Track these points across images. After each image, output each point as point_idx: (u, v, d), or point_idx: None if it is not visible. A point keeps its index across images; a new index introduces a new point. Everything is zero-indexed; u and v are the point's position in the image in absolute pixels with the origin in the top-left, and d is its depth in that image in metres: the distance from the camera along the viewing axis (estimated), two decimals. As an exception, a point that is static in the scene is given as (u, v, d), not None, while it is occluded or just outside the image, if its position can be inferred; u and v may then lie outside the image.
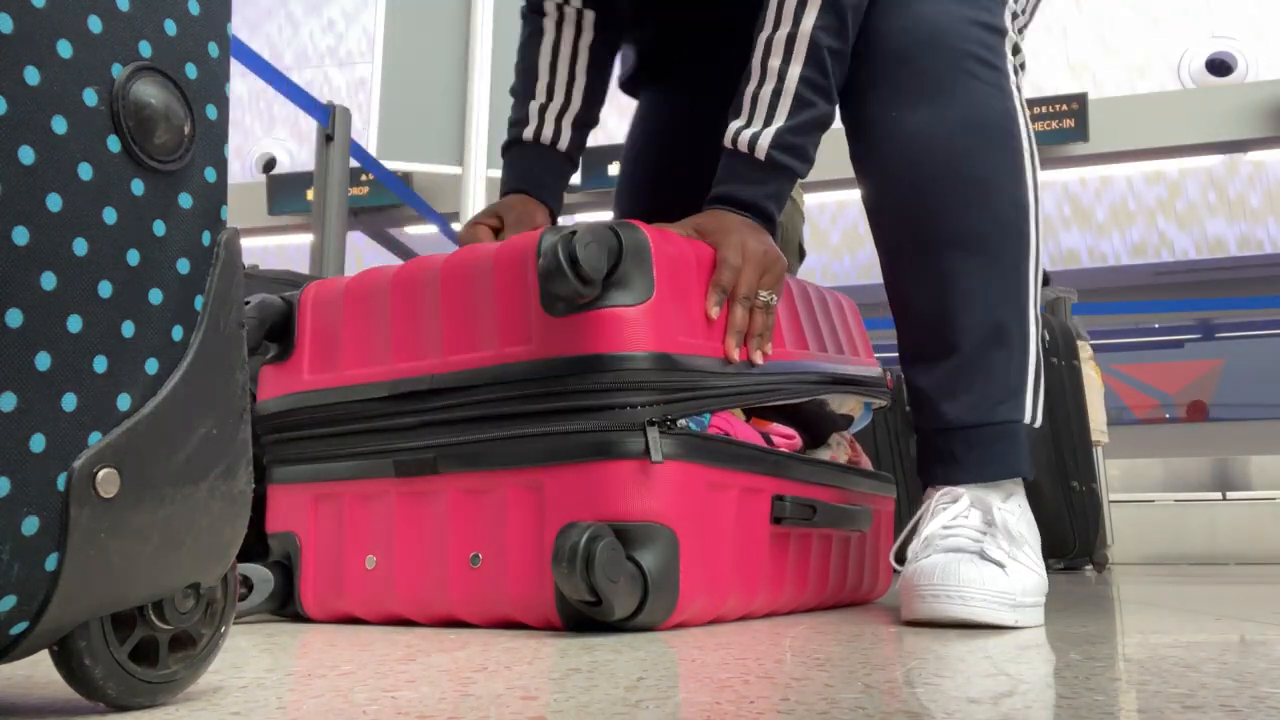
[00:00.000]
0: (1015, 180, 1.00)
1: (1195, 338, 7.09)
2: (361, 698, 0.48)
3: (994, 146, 1.00)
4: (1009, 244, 0.99)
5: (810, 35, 0.98)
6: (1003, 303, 0.99)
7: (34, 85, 0.38)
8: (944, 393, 1.00)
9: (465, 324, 0.91)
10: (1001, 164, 1.00)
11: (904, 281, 1.04)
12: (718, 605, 0.88)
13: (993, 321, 0.98)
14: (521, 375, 0.85)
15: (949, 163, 1.00)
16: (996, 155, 1.00)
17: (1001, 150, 1.00)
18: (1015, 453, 0.98)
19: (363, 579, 0.93)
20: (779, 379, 0.97)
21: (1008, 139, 1.00)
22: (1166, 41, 6.59)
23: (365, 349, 0.97)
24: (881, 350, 1.27)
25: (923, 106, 0.99)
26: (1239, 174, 6.54)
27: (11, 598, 0.38)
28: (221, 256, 0.46)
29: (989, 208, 0.99)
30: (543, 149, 1.23)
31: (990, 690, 0.49)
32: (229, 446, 0.46)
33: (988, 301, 0.99)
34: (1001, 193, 1.00)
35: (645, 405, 0.82)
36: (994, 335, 0.98)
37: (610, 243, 0.83)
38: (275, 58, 7.76)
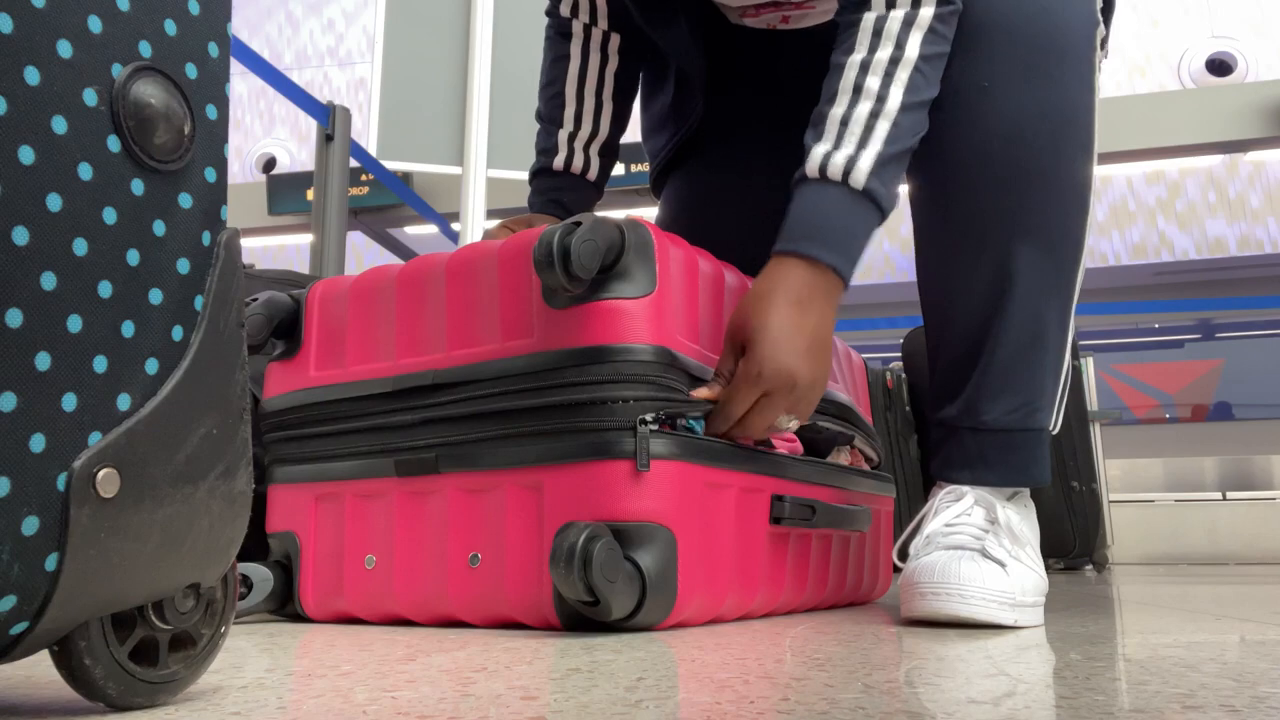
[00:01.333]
0: (1086, 182, 0.97)
1: (1195, 338, 7.09)
2: (361, 698, 0.48)
3: (1077, 143, 0.95)
4: (1069, 246, 0.96)
5: (916, 59, 0.89)
6: (1051, 306, 0.96)
7: (34, 85, 0.38)
8: (984, 392, 0.96)
9: (469, 319, 0.91)
10: (1078, 162, 0.96)
11: (953, 271, 0.98)
12: (716, 605, 0.88)
13: (1039, 324, 0.95)
14: (523, 368, 0.85)
15: (1038, 155, 0.94)
16: (1077, 153, 0.95)
17: (1081, 149, 0.96)
18: (1042, 461, 0.96)
19: (362, 579, 0.93)
20: None
21: (1086, 138, 0.96)
22: (1166, 41, 6.59)
23: (371, 346, 0.97)
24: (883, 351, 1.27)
25: (1021, 87, 0.93)
26: (1239, 174, 6.54)
27: (11, 598, 0.38)
28: (221, 256, 0.46)
29: (1061, 207, 0.95)
30: (572, 178, 1.22)
31: (990, 690, 0.49)
32: (229, 446, 0.46)
33: (1040, 303, 0.95)
34: (1074, 193, 0.96)
35: (639, 401, 0.82)
36: (1038, 338, 0.96)
37: (610, 239, 0.83)
38: (275, 58, 7.76)
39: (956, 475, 0.97)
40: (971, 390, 0.97)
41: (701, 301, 0.91)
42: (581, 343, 0.83)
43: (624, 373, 0.81)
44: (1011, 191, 0.94)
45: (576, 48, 1.26)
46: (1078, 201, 0.96)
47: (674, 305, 0.86)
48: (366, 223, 6.50)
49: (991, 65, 0.93)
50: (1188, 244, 6.62)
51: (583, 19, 1.26)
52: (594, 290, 0.83)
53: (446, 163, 2.84)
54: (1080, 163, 0.96)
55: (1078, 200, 0.96)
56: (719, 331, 0.93)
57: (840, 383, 1.12)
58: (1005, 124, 0.93)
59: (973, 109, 0.94)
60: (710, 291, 0.93)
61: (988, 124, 0.94)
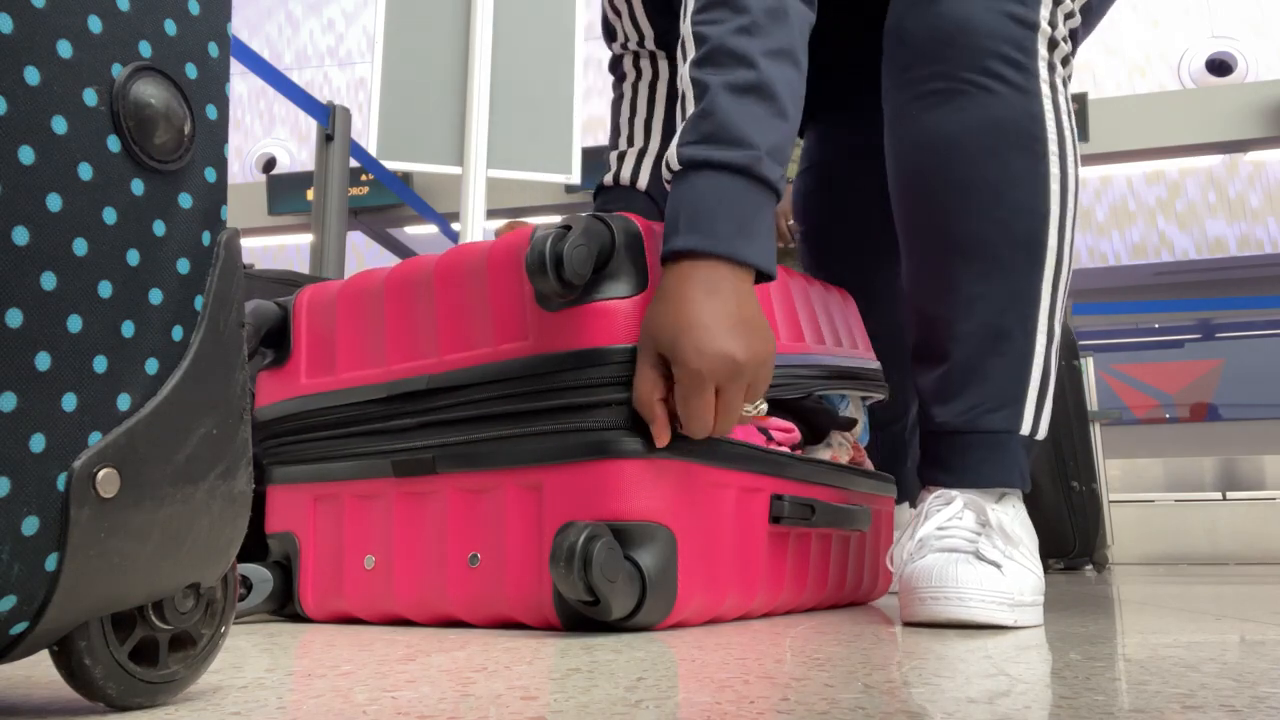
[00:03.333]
0: (1033, 186, 0.95)
1: (1195, 338, 7.09)
2: (361, 698, 0.48)
3: (1011, 150, 0.95)
4: (1020, 253, 0.95)
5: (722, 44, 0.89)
6: (1007, 311, 0.96)
7: (34, 85, 0.38)
8: (937, 396, 0.98)
9: (461, 323, 0.91)
10: (1017, 168, 0.95)
11: (911, 280, 1.02)
12: (716, 605, 0.88)
13: (993, 329, 0.96)
14: (518, 372, 0.85)
15: (958, 166, 0.96)
16: (1013, 159, 0.95)
17: (1020, 154, 0.95)
18: (1005, 463, 0.95)
19: (362, 579, 0.93)
20: (781, 376, 0.97)
21: (1028, 142, 0.95)
22: (1166, 41, 6.59)
23: (362, 351, 0.97)
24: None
25: (939, 107, 0.97)
26: (1239, 174, 6.54)
27: (11, 598, 0.38)
28: (221, 256, 0.46)
29: (996, 214, 0.95)
30: (622, 190, 1.25)
31: (990, 690, 0.49)
32: (229, 446, 0.46)
33: (990, 309, 0.96)
34: (1013, 199, 0.95)
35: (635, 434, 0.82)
36: (992, 343, 0.96)
37: (602, 241, 0.83)
38: (275, 58, 7.76)
39: (924, 475, 1.00)
40: (927, 395, 1.00)
41: None
42: (577, 345, 0.83)
43: (621, 375, 0.81)
44: (939, 203, 0.97)
45: (628, 85, 1.31)
46: (1027, 204, 0.95)
47: None
48: (366, 223, 6.51)
49: (916, 90, 0.98)
50: (1188, 244, 6.62)
51: (631, 47, 1.29)
52: (586, 292, 0.83)
53: (446, 163, 2.84)
54: (1022, 164, 0.95)
55: (1027, 203, 0.95)
56: None
57: (830, 339, 1.11)
58: (928, 143, 0.98)
59: (904, 131, 1.00)
60: None
61: (912, 140, 0.99)
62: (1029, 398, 0.97)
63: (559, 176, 3.31)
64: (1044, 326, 0.97)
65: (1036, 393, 0.97)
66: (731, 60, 0.87)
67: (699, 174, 0.84)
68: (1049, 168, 0.96)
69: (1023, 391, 0.96)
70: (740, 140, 0.85)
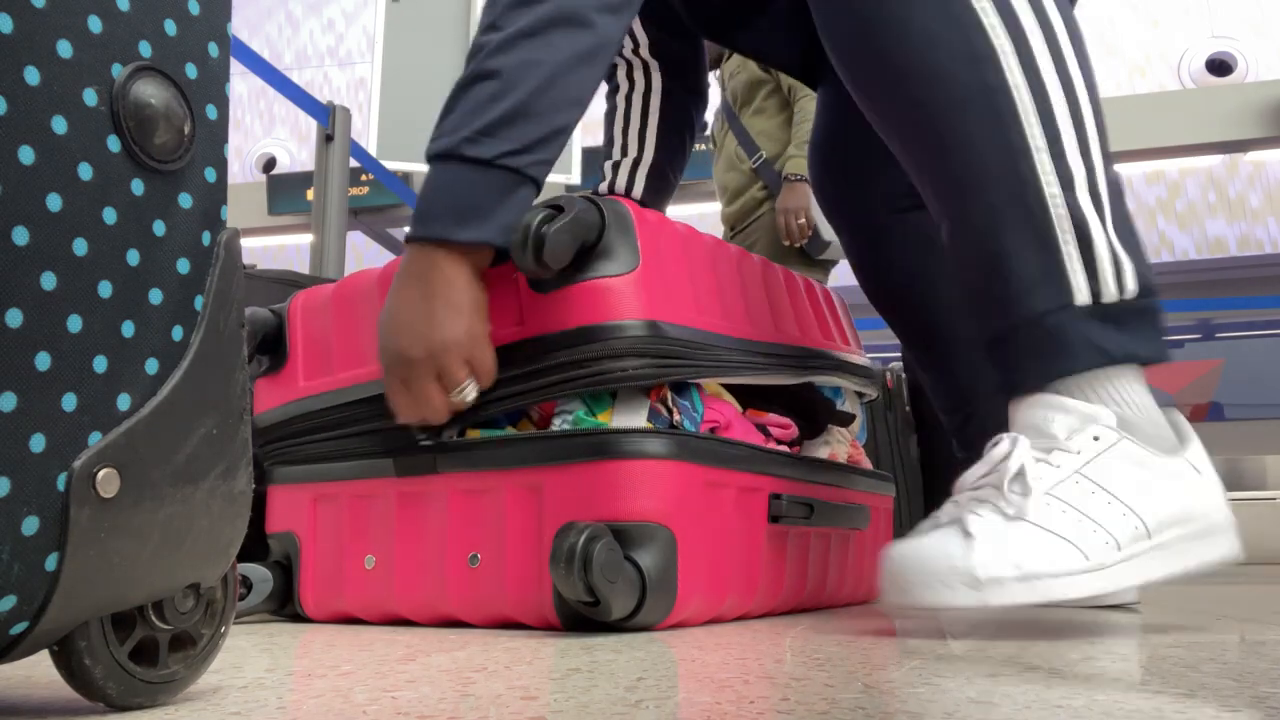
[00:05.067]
0: (952, 34, 0.80)
1: (1195, 338, 7.09)
2: (361, 698, 0.48)
3: (908, 9, 0.81)
4: (970, 113, 0.80)
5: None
6: (989, 179, 0.80)
7: (34, 85, 0.38)
8: (968, 310, 0.84)
9: None
10: (921, 24, 0.81)
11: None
12: (716, 605, 0.88)
13: (984, 207, 0.80)
14: (513, 356, 0.86)
15: (863, 62, 0.85)
16: (914, 15, 0.81)
17: (926, 8, 0.81)
18: (1062, 346, 0.77)
19: (362, 579, 0.93)
20: (772, 359, 0.98)
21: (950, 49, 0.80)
22: (1166, 41, 6.59)
23: (358, 350, 0.97)
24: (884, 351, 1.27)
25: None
26: (1239, 174, 6.54)
27: (11, 598, 0.38)
28: (221, 256, 0.46)
29: (921, 89, 0.82)
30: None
31: (990, 689, 0.49)
32: (229, 446, 0.46)
33: (969, 186, 0.81)
34: (941, 54, 0.81)
35: (637, 370, 0.82)
36: (990, 222, 0.80)
37: (589, 221, 0.83)
38: (275, 58, 7.76)
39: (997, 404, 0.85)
40: (967, 316, 0.87)
41: (689, 268, 0.92)
42: (570, 324, 0.84)
43: (615, 349, 0.82)
44: (874, 108, 0.87)
45: (622, 94, 1.30)
46: (953, 57, 0.80)
47: (660, 278, 0.87)
48: (366, 223, 6.50)
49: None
50: (1188, 244, 6.62)
51: (625, 54, 1.29)
52: (578, 272, 0.84)
53: (446, 163, 2.84)
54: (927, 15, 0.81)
55: (951, 57, 0.80)
56: (711, 296, 0.94)
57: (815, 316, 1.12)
58: (835, 45, 0.88)
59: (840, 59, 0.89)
60: (704, 261, 0.94)
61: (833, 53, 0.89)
62: (1068, 260, 0.78)
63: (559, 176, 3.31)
64: (1051, 172, 0.79)
65: (1078, 249, 0.79)
66: (470, 60, 0.91)
67: (430, 169, 0.89)
68: (971, 5, 0.80)
69: (1057, 259, 0.79)
70: (451, 129, 0.88)
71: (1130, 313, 0.78)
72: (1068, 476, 0.74)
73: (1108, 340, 0.77)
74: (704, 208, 5.24)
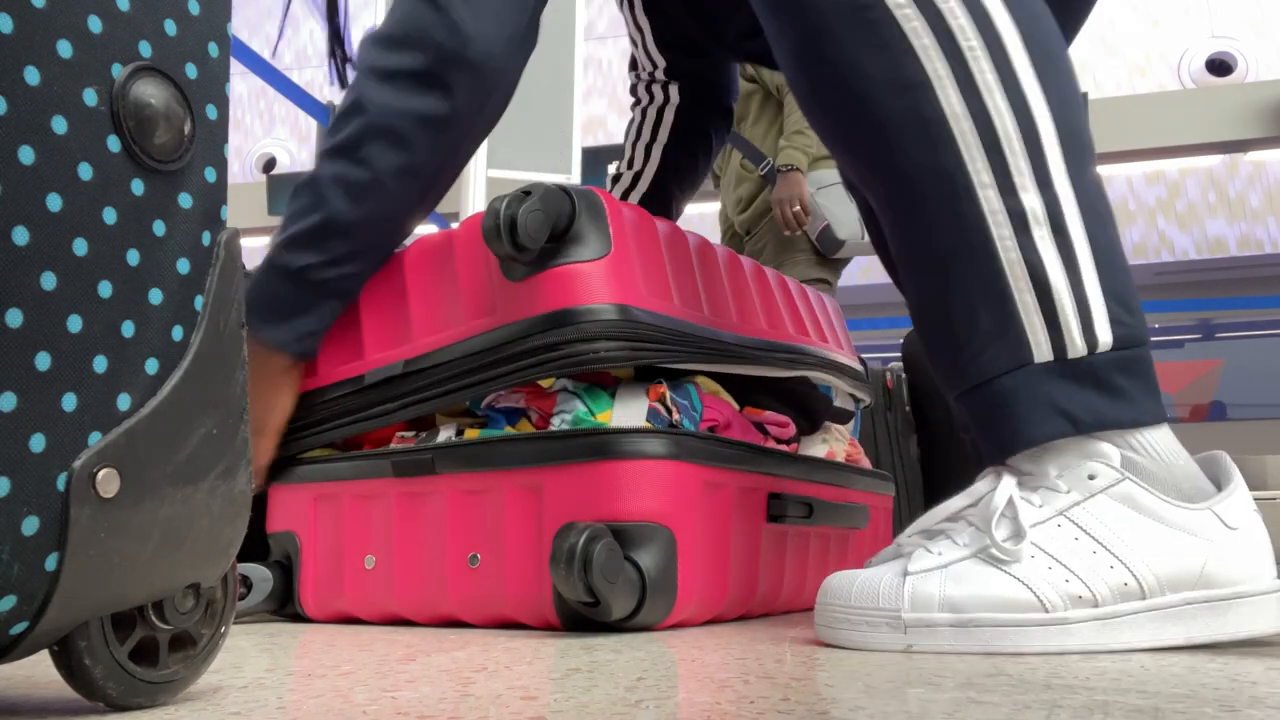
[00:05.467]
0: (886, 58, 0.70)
1: (1195, 338, 7.08)
2: (361, 698, 0.48)
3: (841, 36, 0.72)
4: (911, 144, 0.70)
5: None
6: (921, 222, 0.71)
7: (34, 85, 0.38)
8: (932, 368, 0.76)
9: (433, 307, 0.93)
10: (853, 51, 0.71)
11: None
12: (716, 605, 0.88)
13: (927, 253, 0.72)
14: (487, 343, 0.87)
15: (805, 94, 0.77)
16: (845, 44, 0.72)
17: (851, 33, 0.71)
18: (1020, 413, 0.67)
19: (362, 579, 0.93)
20: (759, 352, 0.98)
21: (860, 12, 0.70)
22: (1166, 41, 6.59)
23: (340, 350, 0.99)
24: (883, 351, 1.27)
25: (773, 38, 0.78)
26: (1239, 174, 6.54)
27: (11, 598, 0.38)
28: (221, 256, 0.46)
29: (845, 111, 0.73)
30: None
31: (990, 689, 0.49)
32: (229, 446, 0.46)
33: (904, 232, 0.73)
34: (869, 82, 0.71)
35: (609, 353, 0.82)
36: (939, 277, 0.71)
37: (560, 207, 0.84)
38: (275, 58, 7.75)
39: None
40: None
41: (668, 260, 0.92)
42: (541, 309, 0.84)
43: (588, 332, 0.82)
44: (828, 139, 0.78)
45: (639, 108, 1.31)
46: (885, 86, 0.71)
47: (633, 265, 0.87)
48: (366, 223, 6.49)
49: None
50: (1188, 244, 6.62)
51: (644, 76, 1.29)
52: (550, 258, 0.84)
53: (446, 163, 2.84)
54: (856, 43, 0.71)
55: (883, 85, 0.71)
56: (692, 290, 0.94)
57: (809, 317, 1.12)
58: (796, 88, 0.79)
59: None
60: (674, 251, 0.94)
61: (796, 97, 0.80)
62: (1023, 311, 0.68)
63: (559, 177, 3.31)
64: (1000, 212, 0.68)
65: (1035, 299, 0.68)
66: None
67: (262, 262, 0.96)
68: (900, 27, 0.70)
69: (1009, 311, 0.68)
70: (279, 230, 0.95)
71: (1105, 369, 0.67)
72: (1048, 518, 0.65)
73: (1074, 404, 0.67)
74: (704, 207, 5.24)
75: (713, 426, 0.93)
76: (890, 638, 0.65)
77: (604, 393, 0.89)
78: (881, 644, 0.65)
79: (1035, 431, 0.67)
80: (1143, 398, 0.68)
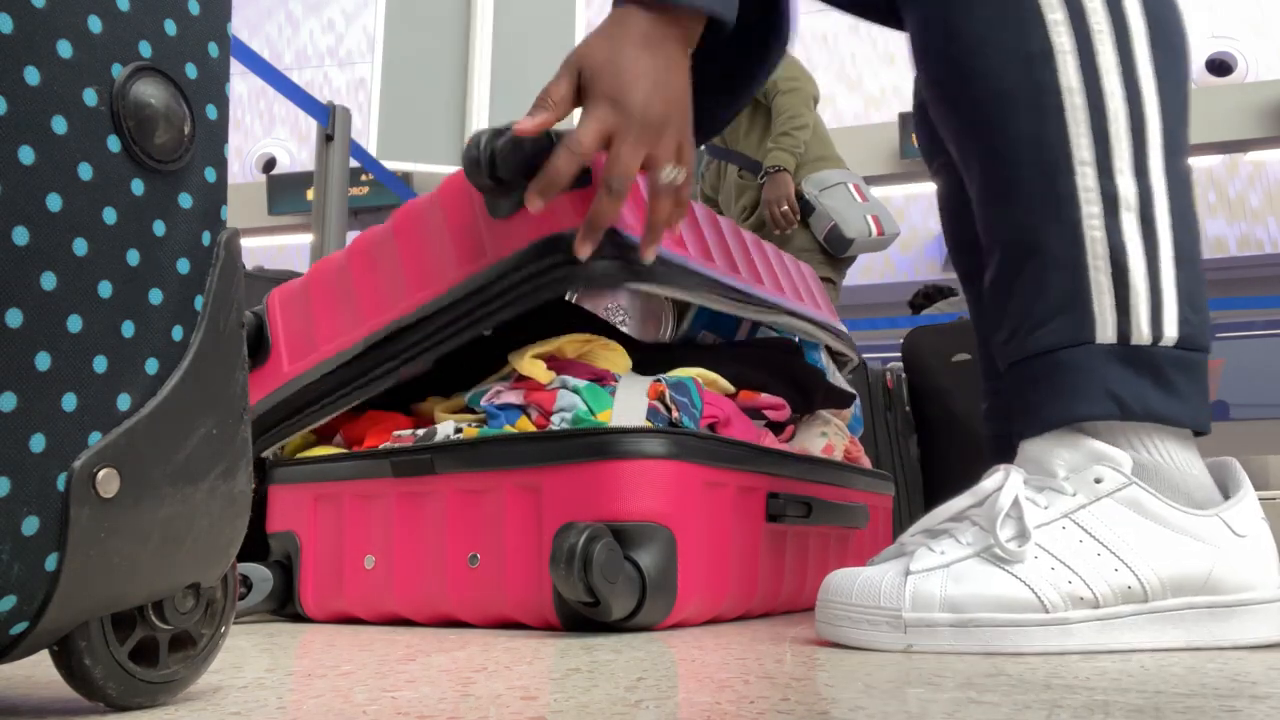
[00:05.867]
0: (1016, 27, 0.72)
1: (1195, 338, 7.07)
2: (361, 698, 0.48)
3: (1005, 51, 0.73)
4: (1020, 108, 0.72)
5: None
6: (1015, 188, 0.72)
7: (34, 85, 0.38)
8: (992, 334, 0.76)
9: (425, 263, 0.94)
10: (987, 18, 0.73)
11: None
12: (715, 605, 0.88)
13: (1013, 222, 0.73)
14: (480, 282, 0.88)
15: (933, 64, 0.78)
16: (979, 11, 0.74)
17: (1010, 55, 0.73)
18: (1071, 388, 0.68)
19: (362, 579, 0.93)
20: (741, 294, 0.99)
21: (1015, 43, 0.72)
22: (1166, 41, 6.59)
23: (336, 323, 0.99)
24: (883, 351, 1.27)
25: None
26: (1239, 174, 6.54)
27: (11, 598, 0.38)
28: (221, 256, 0.46)
29: (974, 80, 0.74)
30: None
31: (990, 689, 0.49)
32: (229, 446, 0.46)
33: (996, 195, 0.74)
34: (991, 51, 0.73)
35: (604, 270, 0.83)
36: (1019, 244, 0.72)
37: (538, 142, 0.83)
38: (275, 58, 7.76)
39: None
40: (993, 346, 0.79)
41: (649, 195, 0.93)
42: (529, 240, 0.85)
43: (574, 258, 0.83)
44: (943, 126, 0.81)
45: None
46: (1008, 56, 0.72)
47: None
48: (366, 223, 6.50)
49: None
50: (1188, 244, 6.61)
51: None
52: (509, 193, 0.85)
53: (446, 163, 2.84)
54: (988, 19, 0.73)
55: (1007, 56, 0.72)
56: (684, 233, 0.95)
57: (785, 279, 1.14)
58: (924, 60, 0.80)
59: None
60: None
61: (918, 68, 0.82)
62: (1095, 290, 0.69)
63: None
64: (1094, 190, 0.70)
65: (1110, 279, 0.69)
66: None
67: None
68: (1044, 67, 0.72)
69: (1082, 287, 0.69)
70: None
71: (1165, 363, 0.68)
72: (1053, 520, 0.66)
73: (1127, 390, 0.67)
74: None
75: (714, 422, 0.93)
76: (890, 637, 0.65)
77: (604, 391, 0.89)
78: (881, 643, 0.65)
79: (1083, 409, 0.68)
80: (1193, 400, 0.68)
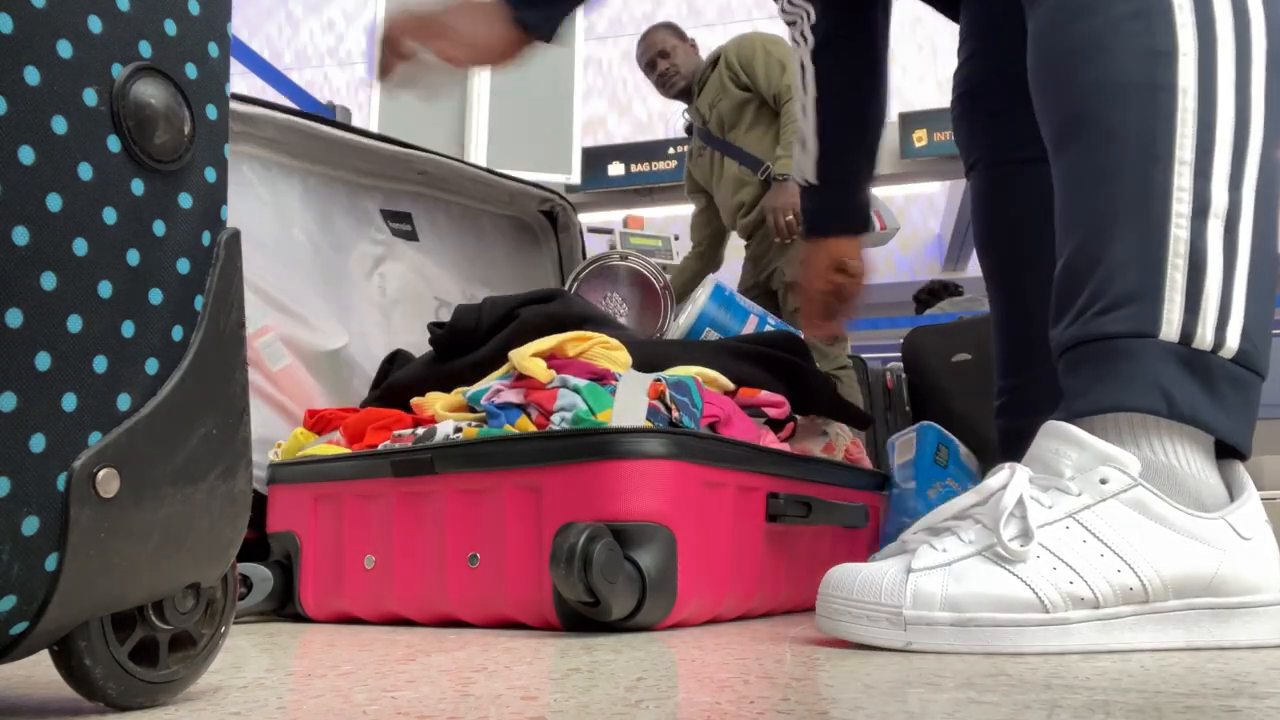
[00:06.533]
0: (1145, 21, 0.73)
1: (1195, 338, 7.07)
2: (361, 698, 0.48)
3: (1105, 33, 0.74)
4: (1131, 101, 0.72)
5: None
6: (1110, 171, 0.73)
7: (34, 85, 0.38)
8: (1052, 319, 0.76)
9: None
10: (1119, 8, 0.74)
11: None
12: (715, 604, 0.88)
13: (1104, 204, 0.73)
14: None
15: (1050, 48, 0.79)
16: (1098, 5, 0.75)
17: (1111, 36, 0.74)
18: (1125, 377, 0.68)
19: (362, 579, 0.93)
20: None
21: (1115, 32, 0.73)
22: (1166, 41, 6.59)
23: None
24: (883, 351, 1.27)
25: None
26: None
27: (11, 598, 0.38)
28: (221, 256, 0.46)
29: (1093, 66, 0.75)
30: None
31: (990, 689, 0.49)
32: (229, 446, 0.46)
33: (1090, 176, 0.74)
34: (1117, 42, 0.74)
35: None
36: (1102, 230, 0.72)
37: None
38: (275, 58, 7.76)
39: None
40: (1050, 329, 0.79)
41: None
42: None
43: None
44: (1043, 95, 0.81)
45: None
46: (1128, 54, 0.74)
47: None
48: (366, 222, 6.49)
49: None
50: (1187, 244, 6.61)
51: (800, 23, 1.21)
52: None
53: (446, 162, 2.84)
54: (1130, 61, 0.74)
55: (1128, 53, 0.74)
56: None
57: None
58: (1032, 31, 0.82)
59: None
60: None
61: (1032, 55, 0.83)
62: (1169, 286, 0.69)
63: (559, 177, 3.31)
64: (1188, 190, 0.70)
65: (1185, 277, 0.69)
66: None
67: None
68: (1168, 64, 0.72)
69: (1156, 281, 0.69)
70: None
71: (1220, 372, 0.68)
72: (1057, 520, 0.65)
73: (1178, 389, 0.67)
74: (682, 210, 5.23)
75: (714, 422, 0.93)
76: (890, 634, 0.65)
77: (604, 390, 0.89)
78: (881, 639, 0.65)
79: (1132, 400, 0.68)
80: (1239, 417, 0.69)
